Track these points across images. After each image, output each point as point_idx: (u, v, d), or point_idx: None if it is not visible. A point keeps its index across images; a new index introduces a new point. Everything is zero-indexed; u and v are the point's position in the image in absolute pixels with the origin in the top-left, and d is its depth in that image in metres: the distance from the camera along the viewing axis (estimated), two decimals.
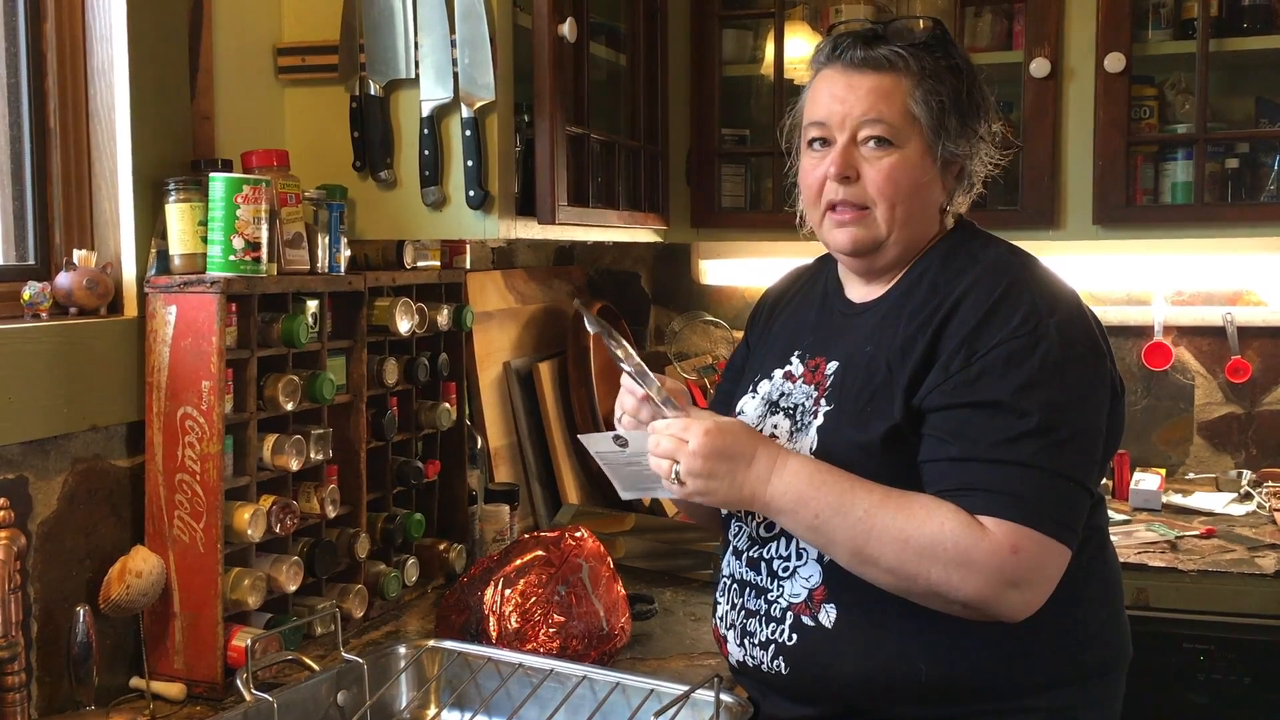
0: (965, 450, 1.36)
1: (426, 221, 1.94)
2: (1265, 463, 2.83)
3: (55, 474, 1.57)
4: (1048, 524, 1.33)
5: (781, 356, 1.61)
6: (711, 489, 1.39)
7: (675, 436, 1.40)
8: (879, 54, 1.45)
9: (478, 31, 1.85)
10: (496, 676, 1.63)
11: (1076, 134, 2.49)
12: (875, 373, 1.45)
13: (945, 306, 1.43)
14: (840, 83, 1.47)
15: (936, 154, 1.47)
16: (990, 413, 1.36)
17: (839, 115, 1.47)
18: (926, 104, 1.45)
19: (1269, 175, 2.59)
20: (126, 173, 1.69)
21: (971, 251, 1.50)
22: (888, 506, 1.35)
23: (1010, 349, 1.37)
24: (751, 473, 1.39)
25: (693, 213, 2.74)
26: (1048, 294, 1.43)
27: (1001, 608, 1.34)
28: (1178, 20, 2.54)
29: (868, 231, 1.49)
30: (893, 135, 1.45)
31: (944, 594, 1.34)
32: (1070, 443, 1.36)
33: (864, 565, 1.38)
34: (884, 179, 1.46)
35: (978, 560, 1.31)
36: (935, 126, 1.45)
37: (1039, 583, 1.34)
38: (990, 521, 1.33)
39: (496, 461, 2.46)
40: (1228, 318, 2.83)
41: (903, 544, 1.33)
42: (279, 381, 1.74)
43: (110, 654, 1.64)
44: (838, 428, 1.46)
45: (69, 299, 1.63)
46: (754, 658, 1.52)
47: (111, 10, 1.68)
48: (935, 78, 1.46)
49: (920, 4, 2.73)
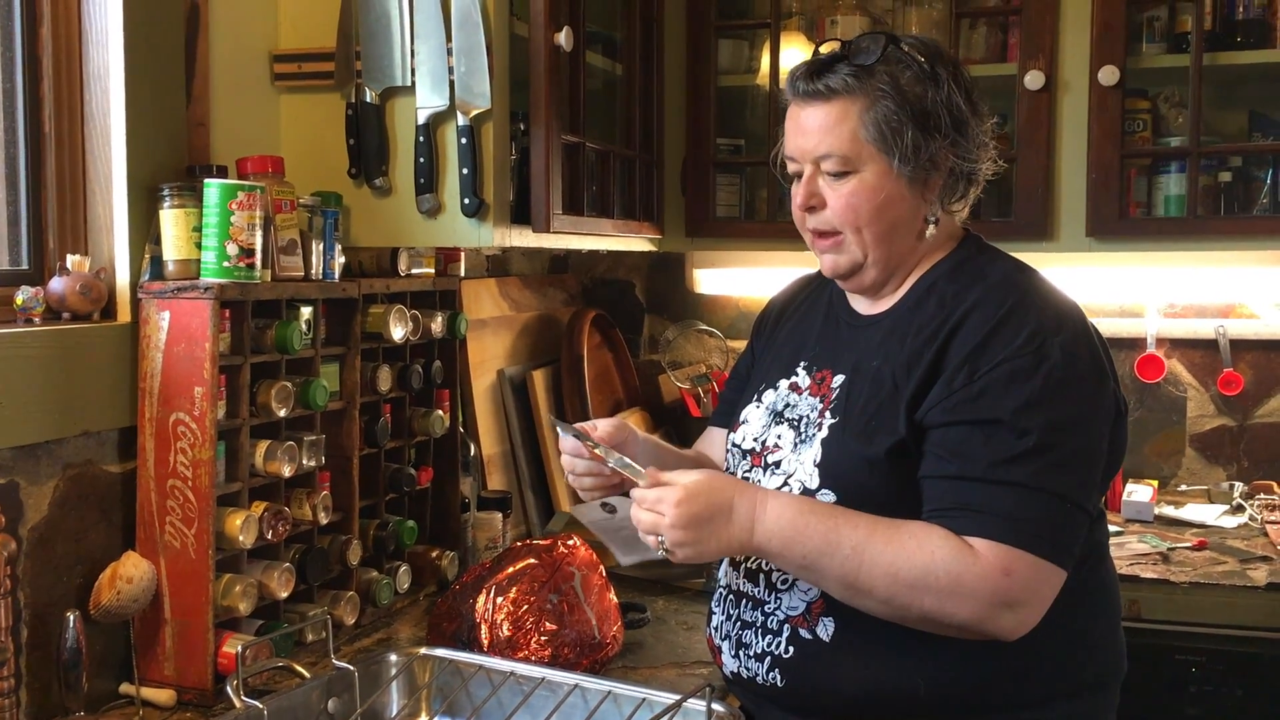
0: (963, 469, 1.36)
1: (421, 229, 1.94)
2: (1257, 475, 2.84)
3: (46, 479, 1.57)
4: (1041, 546, 1.33)
5: (787, 367, 1.61)
6: (700, 552, 1.39)
7: (652, 510, 1.39)
8: (823, 84, 1.45)
9: (474, 40, 1.86)
10: (488, 685, 1.63)
11: (1070, 146, 2.50)
12: (881, 387, 1.45)
13: (951, 322, 1.43)
14: (797, 117, 1.50)
15: (899, 171, 1.45)
16: (989, 431, 1.35)
17: (799, 149, 1.50)
18: (878, 125, 1.44)
19: (1261, 189, 2.60)
20: (121, 178, 1.69)
21: (979, 267, 1.50)
22: (875, 539, 1.35)
23: (1013, 367, 1.37)
24: (734, 525, 1.38)
25: (687, 222, 2.74)
26: (1053, 313, 1.43)
27: (995, 629, 1.34)
28: (1171, 34, 2.55)
29: (844, 256, 1.51)
30: (845, 165, 1.46)
31: (938, 620, 1.34)
32: (1069, 463, 1.36)
33: (857, 597, 1.38)
34: (844, 206, 1.47)
35: (969, 585, 1.31)
36: (888, 147, 1.44)
37: (1032, 604, 1.34)
38: (982, 544, 1.32)
39: (489, 469, 2.46)
40: (1220, 330, 2.83)
41: (893, 577, 1.33)
42: (272, 388, 1.74)
43: (100, 660, 1.64)
44: (842, 441, 1.46)
45: (62, 304, 1.62)
46: (749, 669, 1.52)
47: (107, 15, 1.68)
48: (892, 94, 1.44)
49: (915, 16, 2.74)
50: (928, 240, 1.51)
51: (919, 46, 1.48)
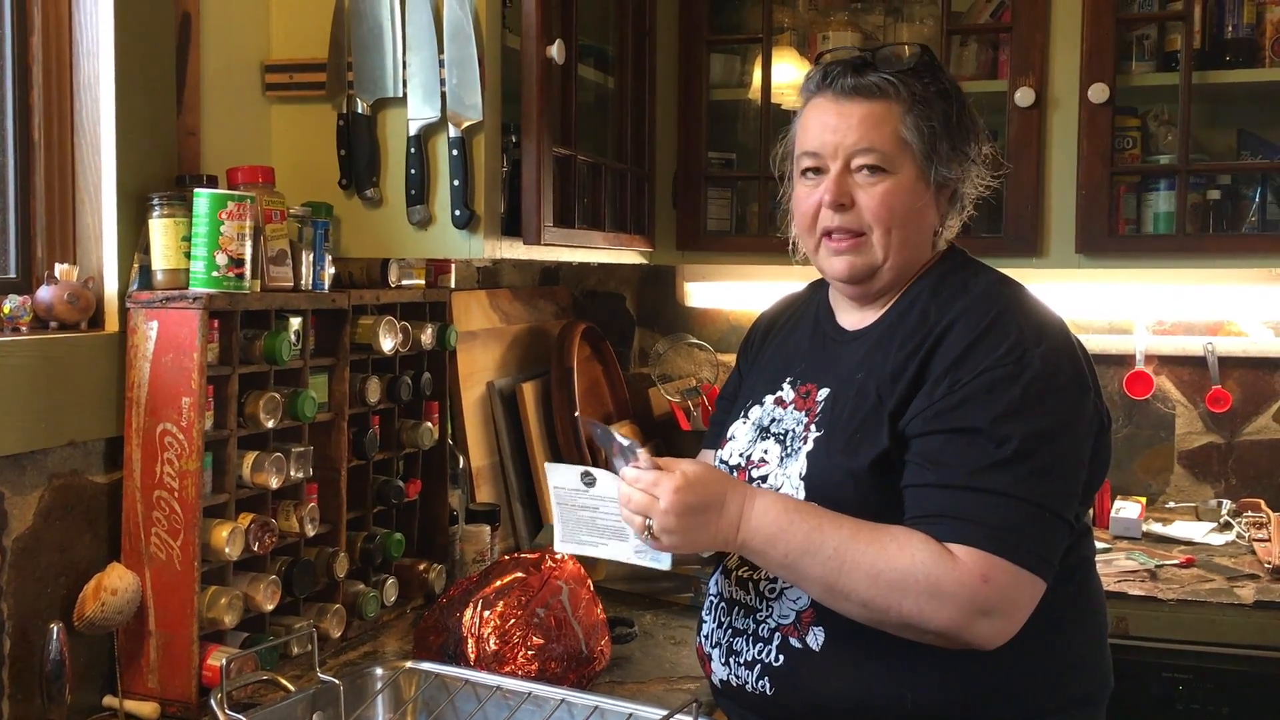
0: (943, 477, 1.36)
1: (412, 240, 1.94)
2: (1245, 492, 2.85)
3: (31, 489, 1.56)
4: (1020, 554, 1.33)
5: (773, 382, 1.61)
6: (685, 541, 1.39)
7: (646, 492, 1.38)
8: (868, 81, 1.46)
9: (466, 52, 1.86)
10: (474, 699, 1.62)
11: (1060, 163, 2.51)
12: (865, 400, 1.46)
13: (934, 334, 1.44)
14: (831, 111, 1.48)
15: (930, 179, 1.48)
16: (969, 440, 1.36)
17: (831, 145, 1.48)
18: (918, 129, 1.46)
19: (1250, 207, 2.61)
20: (110, 187, 1.68)
21: (962, 280, 1.51)
22: (858, 541, 1.35)
23: (993, 377, 1.37)
24: (724, 519, 1.39)
25: (678, 235, 2.74)
26: (1035, 324, 1.43)
27: (972, 636, 1.34)
28: (1161, 52, 2.57)
29: (864, 258, 1.50)
30: (885, 162, 1.46)
31: (916, 625, 1.34)
32: (1048, 473, 1.36)
33: (836, 599, 1.38)
34: (879, 204, 1.46)
35: (948, 590, 1.31)
36: (927, 152, 1.46)
37: (1010, 613, 1.34)
38: (962, 550, 1.33)
39: (478, 481, 2.45)
40: (1208, 348, 2.84)
41: (874, 578, 1.33)
42: (260, 399, 1.73)
43: (84, 672, 1.63)
44: (827, 454, 1.46)
45: (49, 313, 1.62)
46: (738, 677, 1.52)
47: (99, 25, 1.67)
48: (925, 103, 1.47)
49: (907, 31, 2.75)
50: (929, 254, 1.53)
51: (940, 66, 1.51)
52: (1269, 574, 2.33)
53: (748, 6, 2.87)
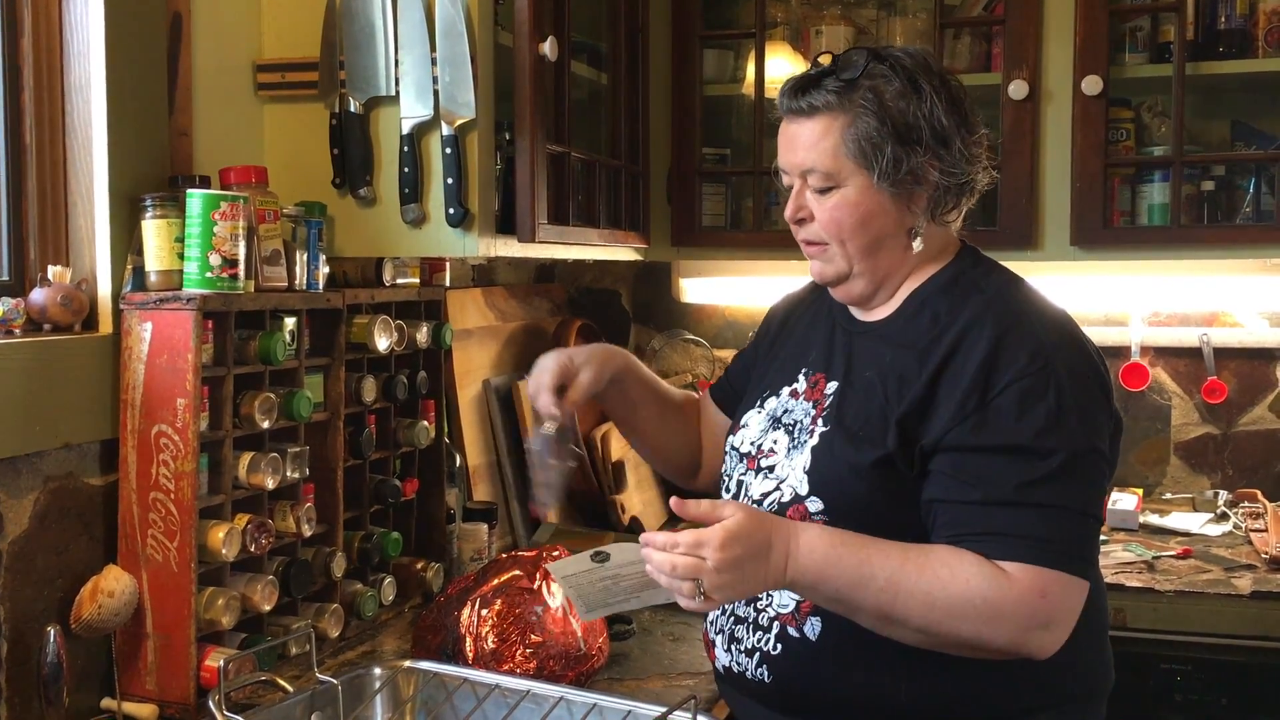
0: (989, 494, 1.36)
1: (406, 239, 1.93)
2: (1241, 483, 2.85)
3: (27, 492, 1.56)
4: (1070, 563, 1.35)
5: (790, 373, 1.62)
6: (738, 594, 1.36)
7: (690, 555, 1.32)
8: (806, 102, 1.48)
9: (458, 50, 1.85)
10: (472, 698, 1.62)
11: (1054, 155, 2.51)
12: (872, 399, 1.46)
13: (946, 340, 1.44)
14: (786, 132, 1.53)
15: (878, 185, 1.47)
16: (1011, 457, 1.36)
17: (786, 164, 1.53)
18: (857, 142, 1.45)
19: (1244, 198, 2.61)
20: (103, 188, 1.68)
21: (972, 281, 1.51)
22: (908, 569, 1.34)
23: (1022, 388, 1.38)
24: (771, 564, 1.36)
25: (673, 231, 2.74)
26: (1052, 328, 1.45)
27: (1031, 650, 1.35)
28: (1154, 44, 2.56)
29: (832, 266, 1.53)
30: (829, 180, 1.48)
31: (975, 646, 1.35)
32: (1086, 478, 1.38)
33: (893, 628, 1.37)
34: (828, 219, 1.50)
35: (1008, 611, 1.32)
36: (869, 162, 1.46)
37: (1066, 621, 1.36)
38: (1015, 567, 1.33)
39: (475, 480, 2.45)
40: (1204, 339, 2.85)
41: (929, 605, 1.33)
42: (255, 399, 1.73)
43: (81, 674, 1.63)
44: (831, 449, 1.47)
45: (43, 315, 1.61)
46: (739, 664, 1.53)
47: (89, 26, 1.67)
48: (872, 111, 1.45)
49: (899, 26, 2.75)
50: (916, 252, 1.52)
51: (904, 60, 1.48)
52: (1266, 564, 2.34)
53: (740, 2, 2.86)
